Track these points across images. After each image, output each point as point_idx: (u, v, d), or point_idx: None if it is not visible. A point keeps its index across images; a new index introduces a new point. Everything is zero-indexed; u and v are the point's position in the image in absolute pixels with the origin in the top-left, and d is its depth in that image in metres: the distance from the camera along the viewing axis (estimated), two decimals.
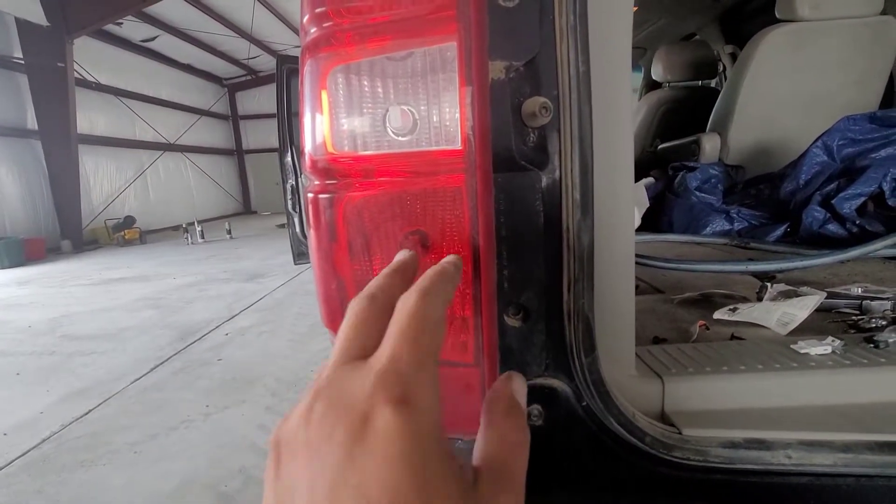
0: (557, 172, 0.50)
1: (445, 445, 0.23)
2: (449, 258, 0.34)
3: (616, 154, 0.54)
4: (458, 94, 0.41)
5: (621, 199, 0.55)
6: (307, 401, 0.24)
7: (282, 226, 12.73)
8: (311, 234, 0.41)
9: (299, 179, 3.99)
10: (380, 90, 0.42)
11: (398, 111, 0.42)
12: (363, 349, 0.26)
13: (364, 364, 0.25)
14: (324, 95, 0.39)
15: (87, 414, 2.92)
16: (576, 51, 0.49)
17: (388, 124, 0.42)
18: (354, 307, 0.28)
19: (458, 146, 0.37)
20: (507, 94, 0.48)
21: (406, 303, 0.27)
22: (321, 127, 0.40)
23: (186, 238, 11.38)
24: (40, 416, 2.92)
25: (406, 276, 0.33)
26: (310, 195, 0.41)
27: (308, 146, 0.40)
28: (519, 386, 0.31)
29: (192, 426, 2.70)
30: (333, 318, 0.43)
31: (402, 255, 0.35)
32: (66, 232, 10.87)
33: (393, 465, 0.20)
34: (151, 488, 2.17)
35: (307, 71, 0.39)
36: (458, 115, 0.39)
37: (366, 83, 0.41)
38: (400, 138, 0.43)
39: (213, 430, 2.65)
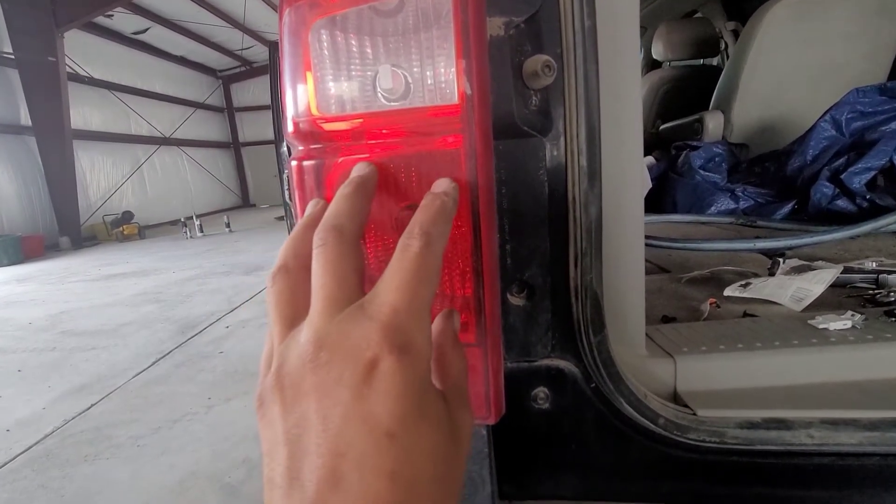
0: (562, 138, 0.46)
1: (431, 379, 0.28)
2: (446, 188, 0.32)
3: (624, 117, 0.50)
4: (454, 52, 0.37)
5: (630, 166, 0.52)
6: (310, 350, 0.25)
7: (280, 218, 12.68)
8: (296, 205, 0.37)
9: None
10: (368, 48, 0.38)
11: (388, 71, 0.39)
12: (349, 296, 0.27)
13: (361, 313, 0.26)
14: (305, 51, 0.36)
15: (89, 409, 2.91)
16: (580, 4, 0.45)
17: (378, 85, 0.38)
18: (327, 243, 0.28)
19: (455, 101, 0.34)
20: (507, 52, 0.45)
21: (409, 250, 0.28)
22: (304, 87, 0.37)
23: (185, 232, 11.33)
24: (43, 412, 2.91)
25: (369, 196, 0.33)
26: (293, 163, 0.37)
27: (290, 109, 0.37)
28: (457, 320, 0.35)
29: (194, 419, 2.70)
30: None
31: (361, 170, 0.34)
32: (64, 228, 10.82)
33: (397, 399, 0.24)
34: (155, 481, 2.16)
35: (286, 23, 0.36)
36: (453, 73, 0.36)
37: (352, 38, 0.37)
38: (392, 103, 0.39)
39: (215, 423, 2.64)
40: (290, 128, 0.37)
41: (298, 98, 0.37)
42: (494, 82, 0.44)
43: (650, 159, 2.21)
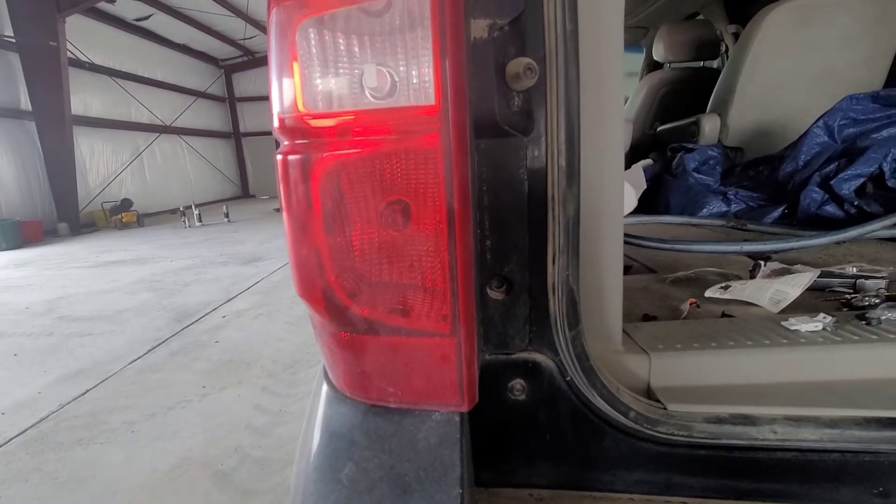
0: (543, 139, 0.48)
1: None
2: None
3: (605, 120, 0.52)
4: (432, 53, 0.38)
5: (609, 168, 0.53)
6: None
7: (279, 210, 12.66)
8: (282, 199, 0.39)
9: None
10: (355, 47, 0.40)
11: (374, 70, 0.40)
12: None
13: None
14: (293, 49, 0.37)
15: (84, 394, 2.93)
16: (563, 8, 0.46)
17: (364, 83, 0.40)
18: None
19: (432, 101, 0.35)
20: (491, 54, 0.46)
21: None
22: (291, 84, 0.38)
23: (184, 221, 11.33)
24: (38, 396, 2.93)
25: None
26: (278, 157, 0.39)
27: (276, 105, 0.38)
28: None
29: (189, 406, 2.72)
30: (306, 286, 0.41)
31: None
32: (63, 214, 10.80)
33: None
34: (149, 466, 2.18)
35: (273, 21, 0.37)
36: (432, 75, 0.37)
37: (339, 37, 0.39)
38: (378, 101, 0.40)
39: (210, 411, 2.66)
40: (275, 123, 0.38)
41: (285, 94, 0.38)
42: (477, 83, 0.45)
43: (647, 161, 2.22)
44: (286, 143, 0.39)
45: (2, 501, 2.02)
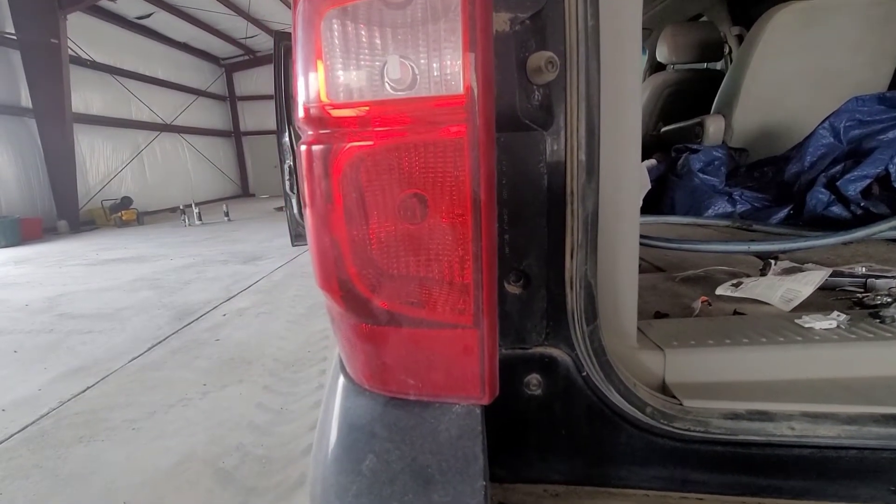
0: (563, 133, 0.48)
1: None
2: None
3: (624, 116, 0.52)
4: (461, 45, 0.38)
5: (627, 163, 0.53)
6: None
7: (280, 209, 12.67)
8: (304, 188, 0.39)
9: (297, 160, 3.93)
10: (377, 38, 0.40)
11: (396, 62, 0.40)
12: None
13: None
14: (317, 40, 0.37)
15: (85, 391, 2.92)
16: (584, 4, 0.46)
17: (385, 75, 0.40)
18: None
19: (460, 92, 0.35)
20: (512, 47, 0.46)
21: None
22: (315, 74, 0.38)
23: (184, 220, 11.33)
24: (39, 393, 2.92)
25: None
26: (303, 147, 0.39)
27: (301, 95, 0.38)
28: None
29: (190, 404, 2.71)
30: (326, 277, 0.41)
31: None
32: (63, 212, 10.79)
33: None
34: (150, 464, 2.18)
35: (300, 11, 0.37)
36: (459, 66, 0.37)
37: (362, 29, 0.39)
38: (399, 93, 0.40)
39: (211, 409, 2.65)
40: (300, 113, 0.38)
41: (309, 84, 0.38)
42: (498, 76, 0.45)
43: (652, 161, 2.22)
44: (310, 132, 0.39)
45: (2, 498, 2.02)
